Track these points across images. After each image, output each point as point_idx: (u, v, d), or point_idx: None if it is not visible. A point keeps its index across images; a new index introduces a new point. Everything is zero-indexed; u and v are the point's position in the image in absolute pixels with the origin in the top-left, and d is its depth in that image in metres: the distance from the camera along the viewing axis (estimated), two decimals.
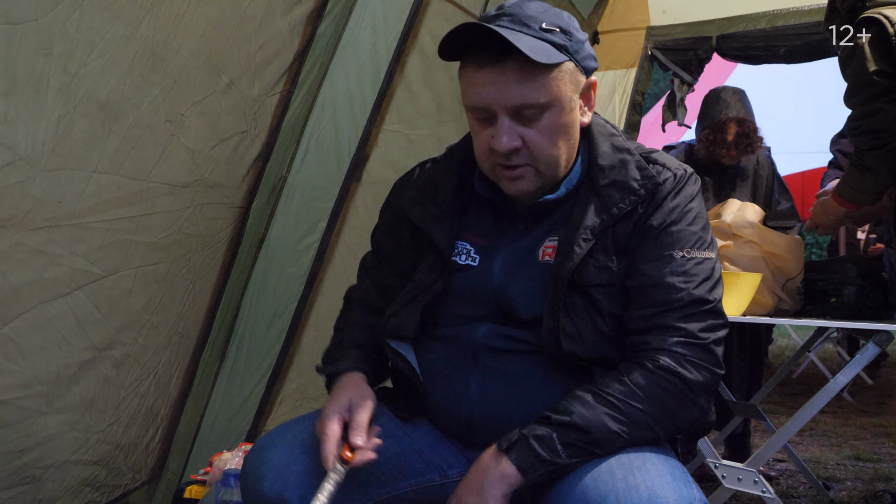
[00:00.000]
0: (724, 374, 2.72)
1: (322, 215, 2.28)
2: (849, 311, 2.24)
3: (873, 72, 1.95)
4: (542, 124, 1.16)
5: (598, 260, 1.19)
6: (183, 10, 1.61)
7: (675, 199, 1.21)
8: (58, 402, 1.62)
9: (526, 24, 1.14)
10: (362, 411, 1.16)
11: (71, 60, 1.42)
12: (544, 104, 1.15)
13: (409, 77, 2.39)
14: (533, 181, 1.21)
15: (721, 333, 1.17)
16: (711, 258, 1.21)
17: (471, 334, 1.24)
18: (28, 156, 1.40)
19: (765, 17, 3.21)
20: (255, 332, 2.21)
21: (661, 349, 1.14)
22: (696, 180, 1.25)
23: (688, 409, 1.15)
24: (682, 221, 1.20)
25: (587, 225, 1.19)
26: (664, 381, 1.12)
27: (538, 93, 1.14)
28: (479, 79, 1.15)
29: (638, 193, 1.20)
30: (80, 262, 1.57)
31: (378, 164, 2.37)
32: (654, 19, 3.46)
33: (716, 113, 2.94)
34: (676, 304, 1.15)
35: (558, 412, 1.10)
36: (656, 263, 1.18)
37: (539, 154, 1.18)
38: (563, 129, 1.19)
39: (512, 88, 1.13)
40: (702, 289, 1.17)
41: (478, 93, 1.16)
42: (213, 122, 1.80)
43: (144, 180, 1.66)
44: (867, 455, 3.61)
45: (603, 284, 1.19)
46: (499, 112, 1.15)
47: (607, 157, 1.24)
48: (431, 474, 1.24)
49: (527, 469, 1.07)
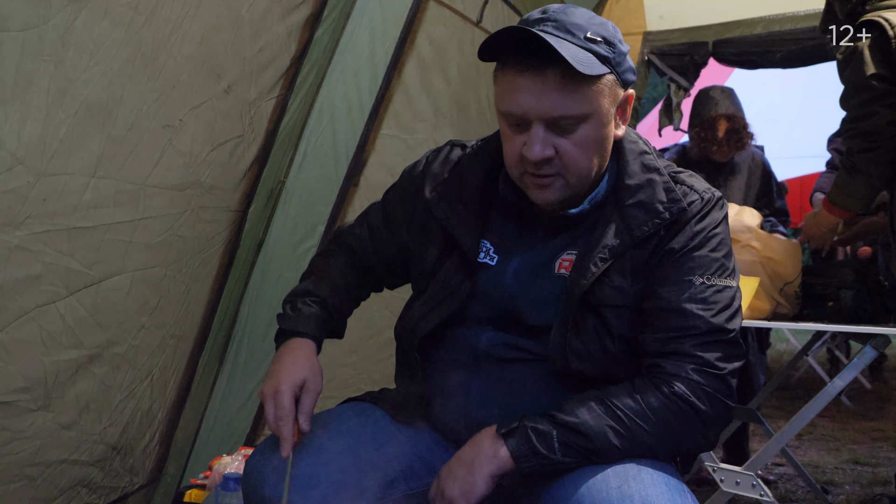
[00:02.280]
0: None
1: (320, 219, 2.28)
2: (846, 314, 2.24)
3: (871, 75, 1.96)
4: (577, 136, 1.13)
5: (614, 280, 1.17)
6: (181, 16, 1.61)
7: (699, 224, 1.18)
8: (53, 404, 1.62)
9: (571, 32, 1.10)
10: (311, 395, 1.19)
11: (70, 66, 1.42)
12: (581, 116, 1.12)
13: (407, 82, 2.40)
14: (561, 192, 1.18)
15: (737, 364, 1.15)
16: (732, 287, 1.18)
17: (474, 340, 1.24)
18: (25, 159, 1.40)
19: (760, 22, 3.22)
20: (253, 336, 2.21)
21: (677, 375, 1.12)
22: (723, 205, 1.22)
23: (694, 440, 1.14)
24: (704, 247, 1.17)
25: (606, 244, 1.17)
26: (676, 408, 1.10)
27: (577, 104, 1.11)
28: (517, 84, 1.11)
29: (662, 217, 1.17)
30: (76, 266, 1.57)
31: (375, 168, 2.37)
32: (650, 24, 3.47)
33: (706, 111, 2.98)
34: (694, 331, 1.13)
35: (564, 412, 1.10)
36: (675, 288, 1.15)
37: (571, 165, 1.15)
38: (598, 143, 1.16)
39: (551, 98, 1.10)
40: (720, 317, 1.14)
41: (515, 99, 1.12)
42: (210, 126, 1.80)
43: (142, 184, 1.67)
44: (865, 459, 3.61)
45: (616, 305, 1.17)
46: (534, 120, 1.12)
47: (635, 177, 1.21)
48: (430, 477, 1.23)
49: (520, 457, 1.08)
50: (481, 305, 1.25)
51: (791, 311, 2.36)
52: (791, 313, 2.36)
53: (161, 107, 1.65)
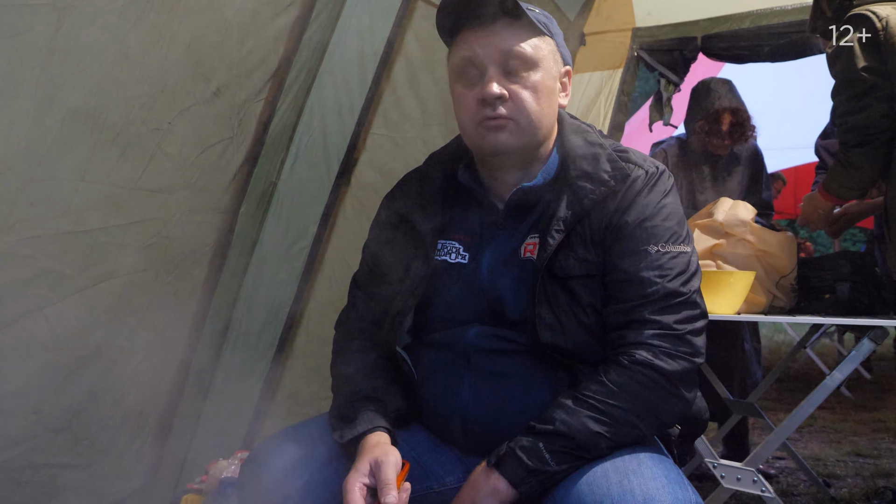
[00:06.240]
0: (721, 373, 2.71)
1: (312, 219, 2.29)
2: (843, 307, 2.24)
3: (862, 68, 1.96)
4: (527, 81, 1.22)
5: (577, 252, 1.21)
6: (168, 21, 1.62)
7: (648, 196, 1.23)
8: (43, 409, 1.62)
9: (515, 3, 1.22)
10: (387, 468, 1.09)
11: (57, 71, 1.42)
12: (530, 59, 1.22)
13: (396, 82, 2.41)
14: (514, 136, 1.23)
15: (699, 324, 1.18)
16: (687, 252, 1.22)
17: (461, 337, 1.24)
18: (15, 166, 1.40)
19: (749, 16, 3.23)
20: (247, 338, 2.21)
21: (638, 343, 1.15)
22: (668, 177, 1.28)
23: (669, 401, 1.15)
24: (656, 217, 1.22)
25: (560, 216, 1.22)
26: (641, 375, 1.13)
27: (526, 48, 1.22)
28: (470, 37, 1.23)
29: (608, 184, 1.23)
30: (66, 270, 1.57)
31: (366, 167, 2.38)
32: (639, 20, 3.48)
33: (709, 104, 2.95)
34: (651, 297, 1.17)
35: (542, 421, 1.11)
36: (632, 259, 1.19)
37: (522, 108, 1.22)
38: (546, 93, 1.25)
39: (502, 40, 1.21)
40: (676, 282, 1.18)
41: (469, 48, 1.23)
42: (199, 128, 1.81)
43: (131, 188, 1.67)
44: (867, 451, 3.60)
45: (582, 276, 1.21)
46: (487, 64, 1.21)
47: (580, 149, 1.28)
48: (430, 482, 1.24)
49: (517, 482, 1.07)
50: (463, 304, 1.27)
51: (787, 305, 2.36)
52: (788, 306, 2.36)
53: (150, 111, 1.65)
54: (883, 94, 1.96)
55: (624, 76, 3.45)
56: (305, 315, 2.33)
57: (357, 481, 1.08)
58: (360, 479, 1.08)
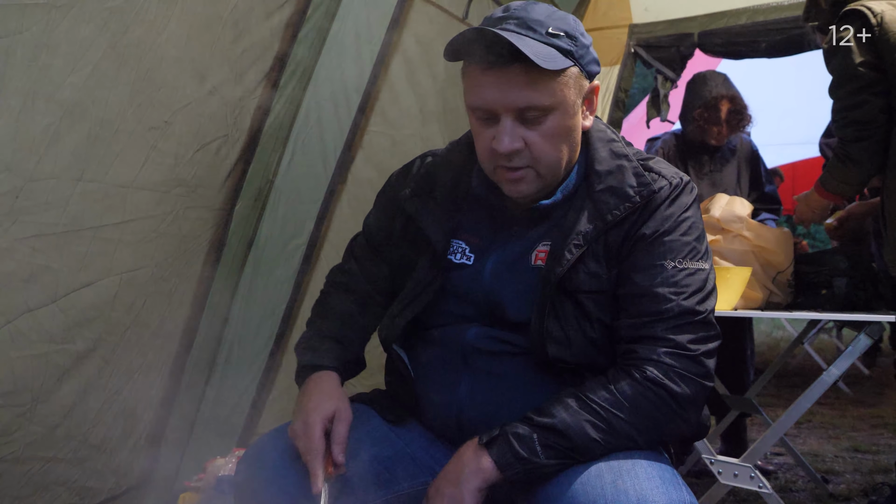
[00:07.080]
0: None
1: (309, 216, 2.29)
2: (840, 302, 2.24)
3: (859, 63, 1.97)
4: (544, 127, 1.15)
5: (589, 266, 1.18)
6: (163, 19, 1.62)
7: (669, 208, 1.19)
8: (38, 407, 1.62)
9: (532, 29, 1.13)
10: (343, 424, 1.17)
11: (53, 70, 1.42)
12: (548, 107, 1.14)
13: (393, 79, 2.40)
14: (533, 184, 1.19)
15: (712, 345, 1.15)
16: (704, 269, 1.18)
17: (461, 336, 1.24)
18: (12, 165, 1.40)
19: (745, 12, 3.23)
20: (244, 335, 2.20)
21: (650, 360, 1.11)
22: (692, 189, 1.23)
23: (673, 423, 1.13)
24: (675, 231, 1.18)
25: (580, 231, 1.18)
26: (650, 392, 1.10)
27: (542, 97, 1.13)
28: (483, 81, 1.14)
29: (633, 200, 1.18)
30: (63, 269, 1.57)
31: (363, 164, 2.38)
32: (636, 17, 3.48)
33: (706, 92, 2.95)
34: (665, 314, 1.13)
35: (541, 414, 1.10)
36: (647, 273, 1.16)
37: (540, 156, 1.17)
38: (566, 133, 1.18)
39: (516, 91, 1.12)
40: (692, 300, 1.15)
41: (481, 94, 1.15)
42: (195, 126, 1.80)
43: (127, 186, 1.67)
44: (865, 447, 3.61)
45: (592, 291, 1.18)
46: (501, 113, 1.14)
47: (605, 163, 1.23)
48: (425, 477, 1.23)
49: (504, 466, 1.07)
50: (464, 305, 1.26)
51: (784, 300, 2.36)
52: (784, 302, 2.36)
53: (145, 109, 1.65)
54: (880, 89, 1.97)
55: (621, 73, 3.45)
56: (302, 312, 2.33)
57: (321, 422, 1.15)
58: (323, 421, 1.15)
